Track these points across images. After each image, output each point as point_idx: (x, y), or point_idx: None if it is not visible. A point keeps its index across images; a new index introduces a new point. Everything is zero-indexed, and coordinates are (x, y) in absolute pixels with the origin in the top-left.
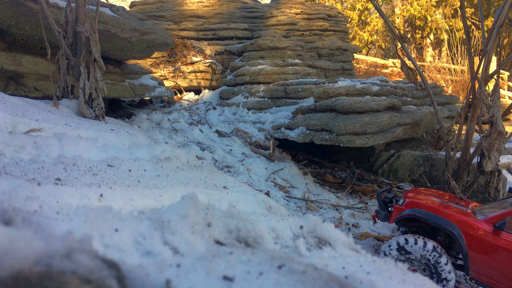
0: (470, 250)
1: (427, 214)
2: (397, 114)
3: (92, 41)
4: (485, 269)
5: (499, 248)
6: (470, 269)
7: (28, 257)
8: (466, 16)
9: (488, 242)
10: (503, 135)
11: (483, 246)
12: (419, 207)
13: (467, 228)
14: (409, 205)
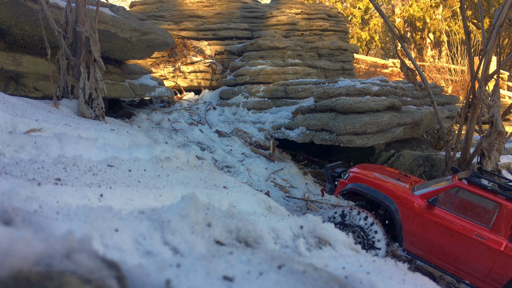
0: (404, 223)
1: (366, 188)
2: (397, 114)
3: (92, 41)
4: (417, 241)
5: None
6: (404, 241)
7: (28, 257)
8: (466, 17)
9: (421, 216)
10: (503, 135)
11: (416, 220)
12: (360, 181)
13: (403, 202)
14: (351, 180)
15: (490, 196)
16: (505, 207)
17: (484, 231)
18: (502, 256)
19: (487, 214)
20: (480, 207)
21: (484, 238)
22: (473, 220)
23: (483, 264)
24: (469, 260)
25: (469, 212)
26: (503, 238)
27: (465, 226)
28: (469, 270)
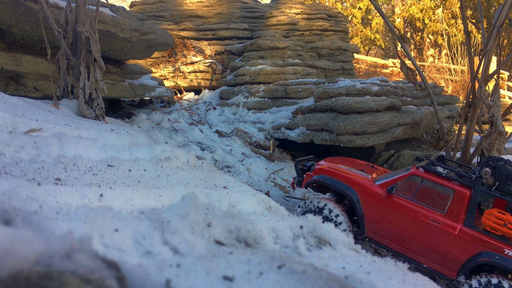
0: (365, 211)
1: (330, 179)
2: (397, 114)
3: (92, 41)
4: (378, 229)
5: (389, 210)
6: (365, 228)
7: (28, 257)
8: (466, 17)
9: (381, 204)
10: (503, 135)
11: (376, 208)
12: (324, 173)
13: (364, 191)
14: (316, 172)
15: (444, 182)
16: (459, 193)
17: (439, 216)
18: (457, 240)
19: (442, 200)
20: (436, 193)
21: (439, 223)
22: (429, 206)
23: (440, 248)
24: (426, 245)
25: (426, 199)
26: (457, 222)
27: (421, 212)
28: (426, 254)
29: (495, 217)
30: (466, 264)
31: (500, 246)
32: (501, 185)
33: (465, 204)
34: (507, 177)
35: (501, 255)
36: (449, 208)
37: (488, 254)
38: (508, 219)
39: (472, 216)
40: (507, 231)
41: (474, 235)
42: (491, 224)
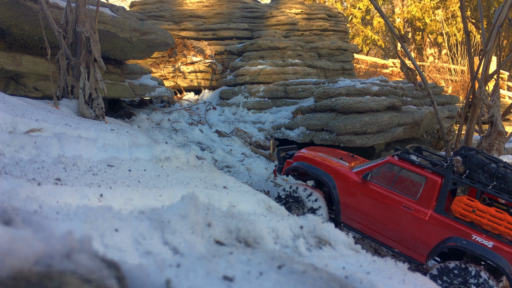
0: (341, 197)
1: (308, 166)
2: (397, 114)
3: (92, 41)
4: (353, 214)
5: (364, 196)
6: (341, 214)
7: (28, 257)
8: (466, 17)
9: (356, 191)
10: (503, 135)
11: (352, 194)
12: (303, 160)
13: (340, 178)
14: (296, 159)
15: (417, 170)
16: (431, 180)
17: (411, 202)
18: (427, 225)
19: (414, 187)
20: (409, 180)
21: (411, 209)
22: (402, 193)
23: (411, 233)
24: (398, 230)
25: (399, 186)
26: (428, 208)
27: (394, 198)
28: (398, 239)
29: (464, 204)
30: (435, 249)
31: (468, 232)
32: (471, 173)
33: (436, 191)
34: (477, 166)
35: (469, 240)
36: (421, 195)
37: (456, 239)
38: (477, 206)
39: (443, 202)
40: (475, 218)
41: (444, 221)
42: (461, 210)
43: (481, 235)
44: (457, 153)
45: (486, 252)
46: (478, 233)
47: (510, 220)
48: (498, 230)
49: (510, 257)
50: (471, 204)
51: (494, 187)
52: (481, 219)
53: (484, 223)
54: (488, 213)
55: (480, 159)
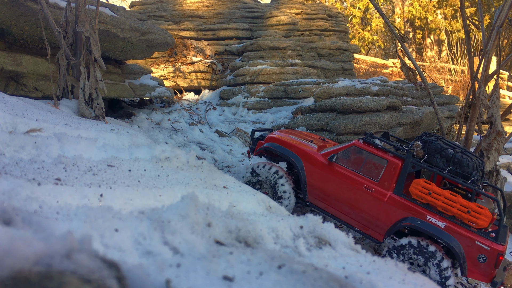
0: (308, 178)
1: (278, 147)
2: (397, 114)
3: (92, 41)
4: (318, 194)
5: (329, 177)
6: (307, 193)
7: (28, 257)
8: (466, 16)
9: (322, 172)
10: (502, 135)
11: (318, 175)
12: (274, 141)
13: (307, 159)
14: (267, 140)
15: (380, 153)
16: (391, 163)
17: (372, 184)
18: (386, 206)
19: (376, 170)
20: (371, 163)
21: (372, 190)
22: (365, 175)
23: (371, 213)
24: (360, 209)
25: (362, 168)
26: (387, 190)
27: (357, 179)
28: (359, 218)
29: (421, 186)
30: (392, 228)
31: (423, 213)
32: (430, 157)
33: (397, 173)
34: (436, 150)
35: (423, 220)
36: (382, 177)
37: (412, 219)
38: (432, 189)
39: (402, 184)
40: (431, 199)
41: (401, 202)
42: (418, 192)
43: (435, 216)
44: (418, 139)
45: (438, 232)
46: (432, 214)
47: (463, 203)
48: (452, 212)
49: (461, 237)
50: (427, 187)
51: (450, 171)
52: (436, 201)
53: (439, 205)
54: (443, 195)
55: (439, 144)
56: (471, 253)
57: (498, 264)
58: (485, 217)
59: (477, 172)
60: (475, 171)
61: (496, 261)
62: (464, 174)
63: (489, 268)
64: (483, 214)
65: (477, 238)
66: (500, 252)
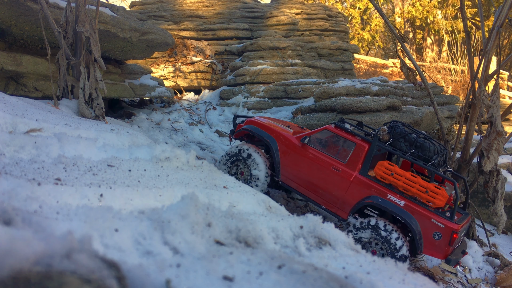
0: (281, 158)
1: (255, 128)
2: (397, 114)
3: (92, 41)
4: (290, 174)
5: (301, 158)
6: (280, 173)
7: (28, 257)
8: (467, 16)
9: (294, 153)
10: (502, 135)
11: (291, 156)
12: (251, 123)
13: (282, 141)
14: (246, 123)
15: (349, 137)
16: (359, 146)
17: (340, 165)
18: (351, 185)
19: (345, 152)
20: (341, 146)
21: (339, 171)
22: (334, 156)
23: (337, 192)
24: (328, 189)
25: (332, 150)
26: (354, 171)
27: (326, 160)
28: (327, 197)
29: (385, 167)
30: (356, 206)
31: (384, 192)
32: (394, 141)
33: (363, 155)
34: (400, 135)
35: (384, 199)
36: (349, 158)
37: (374, 197)
38: (395, 170)
39: (367, 166)
40: (393, 180)
41: (366, 182)
42: (381, 173)
43: (395, 195)
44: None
45: (397, 209)
46: (393, 193)
47: (422, 184)
48: (411, 192)
49: (418, 215)
50: (390, 168)
51: (412, 154)
52: (397, 181)
53: (400, 185)
54: (404, 176)
55: (403, 129)
56: (427, 231)
57: (452, 241)
58: (441, 197)
59: (437, 157)
60: (435, 155)
61: (450, 239)
62: (425, 157)
63: (443, 245)
64: (440, 194)
65: (433, 216)
66: (454, 230)
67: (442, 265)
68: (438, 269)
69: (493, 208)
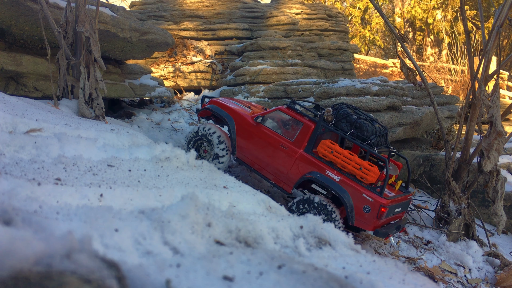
0: (237, 136)
1: (215, 108)
2: (397, 114)
3: (92, 41)
4: (245, 151)
5: (254, 136)
6: (236, 150)
7: (28, 257)
8: (467, 17)
9: (249, 131)
10: (502, 135)
11: (246, 134)
12: (214, 103)
13: (238, 120)
14: (209, 103)
15: (298, 117)
16: (306, 125)
17: (288, 143)
18: (296, 162)
19: (293, 131)
20: (290, 125)
21: (286, 148)
22: (283, 135)
23: (284, 168)
24: (276, 165)
25: (282, 129)
26: (299, 148)
27: (276, 139)
28: (275, 172)
29: (326, 146)
30: (298, 181)
31: (324, 168)
32: (337, 122)
33: (309, 134)
34: (343, 116)
35: (323, 174)
36: (296, 137)
37: (313, 173)
38: (335, 148)
39: (311, 144)
40: (332, 157)
41: (309, 159)
42: (323, 151)
43: (333, 171)
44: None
45: (332, 184)
46: (331, 169)
47: (358, 161)
48: (348, 169)
49: (351, 189)
50: (331, 147)
51: (352, 134)
52: (336, 159)
53: (338, 162)
54: (342, 154)
55: (346, 111)
56: (358, 204)
57: (380, 215)
58: (373, 174)
59: (375, 137)
60: (373, 136)
61: (378, 212)
62: (362, 137)
63: (372, 218)
64: (372, 171)
65: (364, 191)
66: (382, 204)
67: (443, 265)
68: (438, 269)
69: (493, 208)
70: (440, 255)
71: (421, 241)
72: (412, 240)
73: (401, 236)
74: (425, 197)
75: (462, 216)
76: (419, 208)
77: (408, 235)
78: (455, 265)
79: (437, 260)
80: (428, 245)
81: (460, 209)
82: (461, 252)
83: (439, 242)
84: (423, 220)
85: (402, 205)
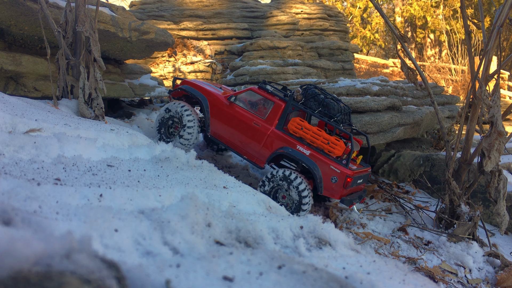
0: (211, 115)
1: (189, 88)
2: (398, 114)
3: (92, 41)
4: (219, 128)
5: (228, 114)
6: (210, 128)
7: (28, 257)
8: (467, 16)
9: (222, 110)
10: (503, 135)
11: (219, 113)
12: (186, 84)
13: (211, 99)
14: (182, 83)
15: (269, 96)
16: (276, 104)
17: (260, 120)
18: (268, 138)
19: (265, 109)
20: (262, 104)
21: (259, 125)
22: (256, 114)
23: (257, 144)
24: (249, 141)
25: (255, 108)
26: (271, 126)
27: (249, 117)
28: (248, 149)
29: (296, 123)
30: (270, 156)
31: (294, 143)
32: (306, 101)
33: (280, 112)
34: (311, 95)
35: (293, 149)
36: (268, 115)
37: (285, 148)
38: (305, 125)
39: (282, 121)
40: (302, 134)
41: (280, 135)
42: (293, 128)
43: (303, 146)
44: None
45: (303, 157)
46: (301, 144)
47: (326, 136)
48: (316, 144)
49: (320, 162)
50: (301, 124)
51: (320, 112)
52: (306, 134)
53: (308, 138)
54: (311, 130)
55: (314, 91)
56: (326, 175)
57: (346, 184)
58: (340, 148)
59: (340, 115)
60: (338, 114)
61: (344, 182)
62: (329, 115)
63: (339, 187)
64: (338, 145)
65: (331, 163)
66: (348, 175)
67: (443, 265)
68: (438, 269)
69: (496, 208)
70: (441, 255)
71: (421, 241)
72: (412, 240)
73: (402, 236)
74: (425, 198)
75: (473, 222)
76: (419, 209)
77: (408, 235)
78: (455, 265)
79: (438, 260)
80: (428, 245)
81: (474, 216)
82: (462, 252)
83: (440, 242)
84: (423, 220)
85: (363, 177)
